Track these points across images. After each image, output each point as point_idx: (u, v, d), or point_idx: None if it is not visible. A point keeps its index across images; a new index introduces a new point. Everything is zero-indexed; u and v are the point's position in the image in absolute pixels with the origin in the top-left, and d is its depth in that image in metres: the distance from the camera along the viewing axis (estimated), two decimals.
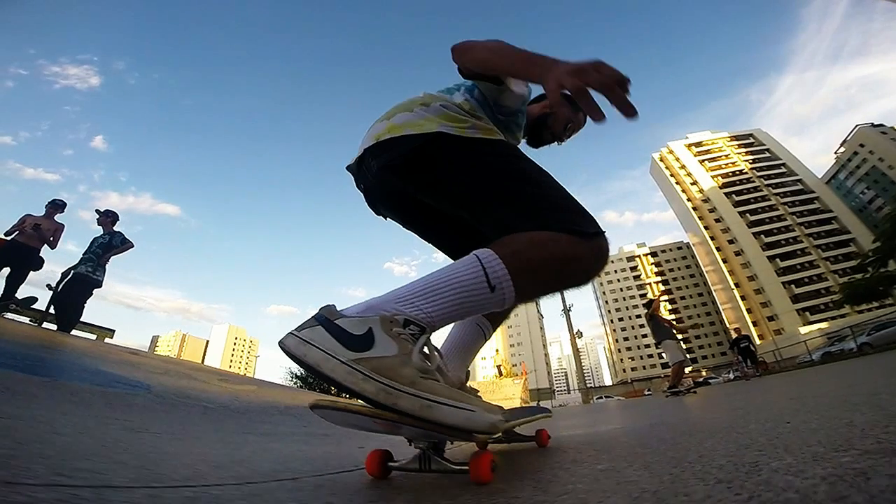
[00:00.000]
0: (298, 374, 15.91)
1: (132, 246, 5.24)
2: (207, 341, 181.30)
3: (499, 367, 18.22)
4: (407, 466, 0.77)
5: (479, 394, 0.94)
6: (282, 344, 0.72)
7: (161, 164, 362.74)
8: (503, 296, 0.82)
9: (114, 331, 6.10)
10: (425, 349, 0.77)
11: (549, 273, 0.87)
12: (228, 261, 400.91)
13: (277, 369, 16.72)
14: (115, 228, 5.26)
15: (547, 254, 0.84)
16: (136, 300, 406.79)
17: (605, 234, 0.96)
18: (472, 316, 0.96)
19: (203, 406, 2.03)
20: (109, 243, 5.05)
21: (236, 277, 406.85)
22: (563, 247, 0.86)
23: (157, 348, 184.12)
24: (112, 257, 5.04)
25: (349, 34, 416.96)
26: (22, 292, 4.92)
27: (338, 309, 0.76)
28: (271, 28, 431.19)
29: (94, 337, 5.71)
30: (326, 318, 0.73)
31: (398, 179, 1.05)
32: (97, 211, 5.30)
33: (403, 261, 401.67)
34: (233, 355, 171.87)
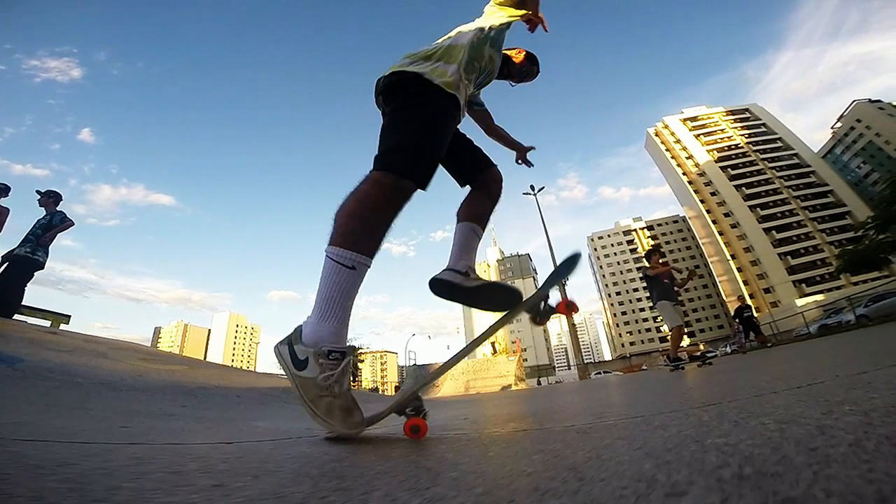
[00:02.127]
0: None
1: (72, 224, 4.99)
2: (209, 330, 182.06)
3: (493, 343, 17.91)
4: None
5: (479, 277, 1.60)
6: (274, 349, 1.18)
7: (151, 155, 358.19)
8: (362, 263, 1.15)
9: (69, 316, 5.79)
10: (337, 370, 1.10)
11: (364, 221, 1.17)
12: (227, 248, 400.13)
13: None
14: (59, 208, 4.93)
15: (354, 208, 1.18)
16: (137, 292, 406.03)
17: (411, 179, 1.24)
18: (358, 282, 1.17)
19: (75, 382, 2.00)
20: (49, 223, 4.84)
21: (235, 265, 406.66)
22: (362, 192, 1.20)
23: (160, 340, 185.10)
24: (55, 236, 4.83)
25: (341, 13, 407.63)
26: None
27: (301, 332, 1.14)
28: (256, 10, 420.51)
29: (47, 323, 5.37)
30: (290, 342, 1.14)
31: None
32: (38, 192, 5.01)
33: (401, 241, 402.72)
34: (235, 343, 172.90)
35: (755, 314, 11.85)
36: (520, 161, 2.14)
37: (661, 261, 6.43)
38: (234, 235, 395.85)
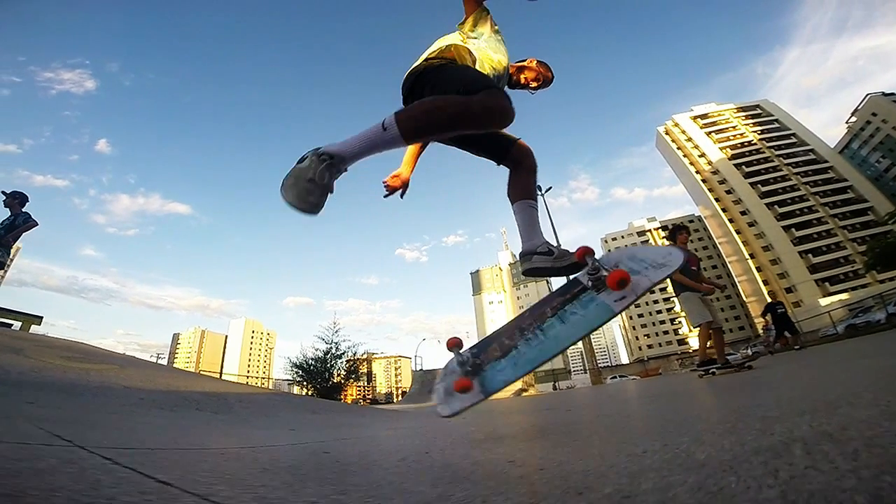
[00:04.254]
0: (298, 364, 15.89)
1: (36, 224, 5.18)
2: (226, 336, 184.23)
3: None
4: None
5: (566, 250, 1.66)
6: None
7: (167, 164, 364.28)
8: (392, 128, 1.25)
9: (41, 317, 6.04)
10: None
11: (431, 116, 1.29)
12: (242, 256, 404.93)
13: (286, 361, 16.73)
14: (24, 209, 5.20)
15: (429, 105, 1.30)
16: (157, 300, 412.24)
17: (498, 91, 1.40)
18: (381, 151, 1.33)
19: None
20: (12, 224, 5.03)
21: (251, 272, 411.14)
22: (448, 101, 1.32)
23: (178, 346, 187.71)
24: (19, 236, 5.04)
25: (354, 19, 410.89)
26: None
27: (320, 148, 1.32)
28: (271, 19, 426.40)
29: (17, 325, 5.63)
30: (302, 157, 1.32)
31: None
32: (3, 192, 5.19)
33: (414, 246, 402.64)
34: (251, 348, 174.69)
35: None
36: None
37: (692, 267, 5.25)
38: (250, 242, 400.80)
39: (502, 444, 1.46)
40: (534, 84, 2.05)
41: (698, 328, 5.08)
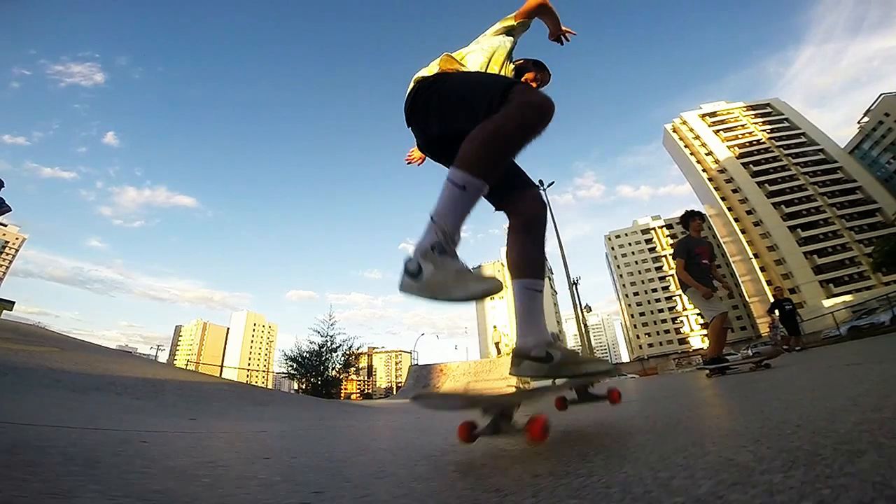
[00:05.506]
0: (294, 357, 15.73)
1: (9, 210, 5.06)
2: (228, 329, 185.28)
3: (497, 344, 17.52)
4: (484, 432, 1.04)
5: (564, 346, 1.43)
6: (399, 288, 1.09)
7: (173, 157, 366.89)
8: (472, 184, 1.11)
9: (13, 302, 5.91)
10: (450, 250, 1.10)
11: (490, 148, 1.13)
12: (247, 249, 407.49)
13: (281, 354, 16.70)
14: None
15: (484, 137, 1.13)
16: (161, 291, 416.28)
17: (525, 84, 1.28)
18: (468, 212, 1.15)
19: None
20: None
21: (256, 265, 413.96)
22: (497, 120, 1.14)
23: (180, 338, 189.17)
24: None
25: (368, 17, 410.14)
26: None
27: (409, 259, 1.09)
28: (279, 13, 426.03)
29: None
30: (406, 269, 1.07)
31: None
32: None
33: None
34: (252, 341, 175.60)
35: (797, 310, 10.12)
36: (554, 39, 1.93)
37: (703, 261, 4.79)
38: (254, 236, 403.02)
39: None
40: (535, 84, 1.89)
41: (711, 322, 4.55)
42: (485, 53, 1.58)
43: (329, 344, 16.33)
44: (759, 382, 2.57)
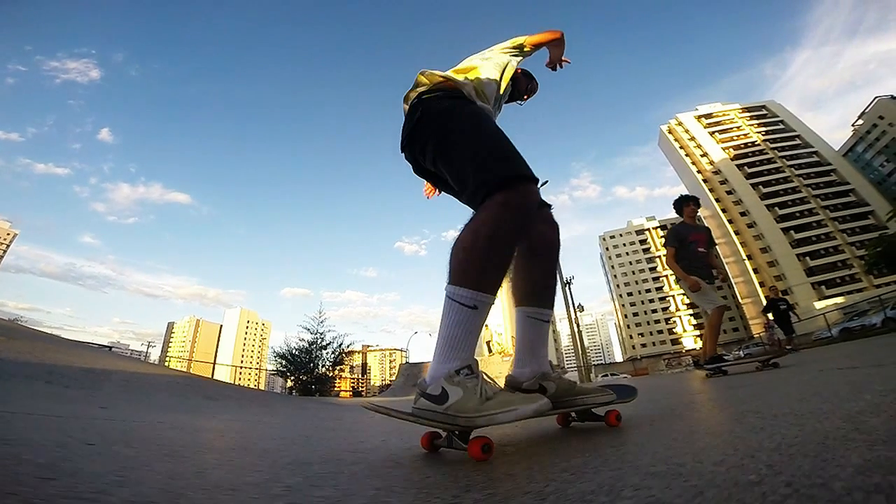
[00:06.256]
0: (283, 354, 15.45)
1: None
2: (221, 326, 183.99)
3: (488, 343, 17.55)
4: (443, 444, 1.07)
5: (564, 375, 1.53)
6: (412, 414, 1.06)
7: (168, 154, 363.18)
8: (484, 302, 1.07)
9: None
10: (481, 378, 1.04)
11: (490, 257, 1.07)
12: (241, 246, 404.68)
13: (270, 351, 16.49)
14: None
15: (480, 247, 1.07)
16: (154, 288, 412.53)
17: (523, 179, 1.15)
18: (481, 329, 1.10)
19: None
20: None
21: (250, 262, 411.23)
22: (487, 224, 1.08)
23: (172, 335, 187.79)
24: None
25: (361, 17, 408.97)
26: None
27: (425, 382, 1.07)
28: (273, 12, 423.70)
29: None
30: (421, 392, 1.06)
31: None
32: None
33: (413, 240, 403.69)
34: (245, 339, 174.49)
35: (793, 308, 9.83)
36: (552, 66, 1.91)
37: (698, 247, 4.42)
38: (249, 233, 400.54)
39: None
40: (525, 97, 1.88)
41: (708, 315, 4.26)
42: (498, 68, 1.54)
43: (319, 341, 16.08)
44: (772, 387, 2.26)
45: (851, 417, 0.86)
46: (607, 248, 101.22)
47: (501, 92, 1.55)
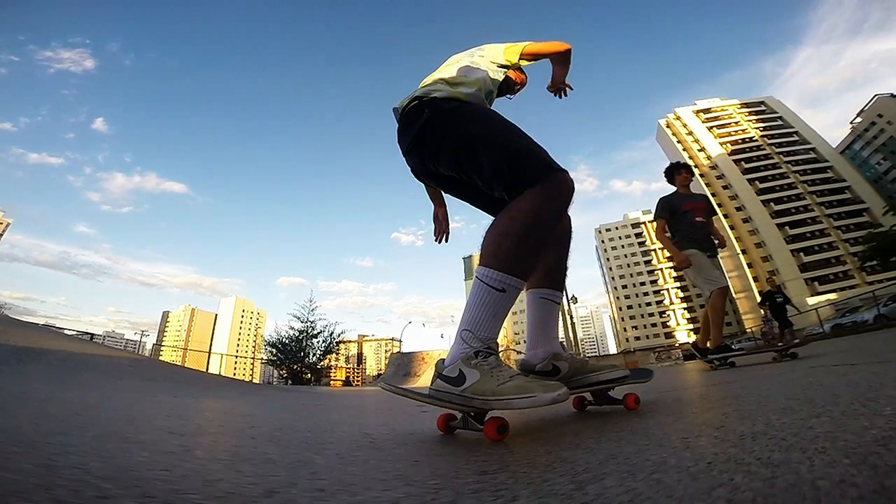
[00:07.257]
0: (273, 343, 15.31)
1: None
2: (216, 315, 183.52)
3: None
4: (459, 425, 1.09)
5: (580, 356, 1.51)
6: (428, 393, 1.08)
7: (164, 143, 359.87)
8: (513, 286, 1.07)
9: None
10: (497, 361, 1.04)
11: (526, 243, 1.08)
12: (237, 235, 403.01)
13: (261, 339, 16.39)
14: None
15: (517, 232, 1.08)
16: (150, 277, 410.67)
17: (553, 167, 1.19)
18: (506, 313, 1.10)
19: None
20: None
21: (246, 251, 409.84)
22: (525, 211, 1.10)
23: (167, 324, 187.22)
24: None
25: (358, 9, 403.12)
26: None
27: (442, 364, 1.09)
28: (269, 3, 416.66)
29: None
30: (438, 373, 1.08)
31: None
32: None
33: (409, 231, 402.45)
34: (241, 328, 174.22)
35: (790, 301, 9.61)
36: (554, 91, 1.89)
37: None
38: (245, 222, 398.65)
39: None
40: (517, 88, 1.85)
41: (709, 297, 3.74)
42: (482, 82, 1.47)
43: (309, 330, 15.90)
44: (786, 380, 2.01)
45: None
46: (603, 241, 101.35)
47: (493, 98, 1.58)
